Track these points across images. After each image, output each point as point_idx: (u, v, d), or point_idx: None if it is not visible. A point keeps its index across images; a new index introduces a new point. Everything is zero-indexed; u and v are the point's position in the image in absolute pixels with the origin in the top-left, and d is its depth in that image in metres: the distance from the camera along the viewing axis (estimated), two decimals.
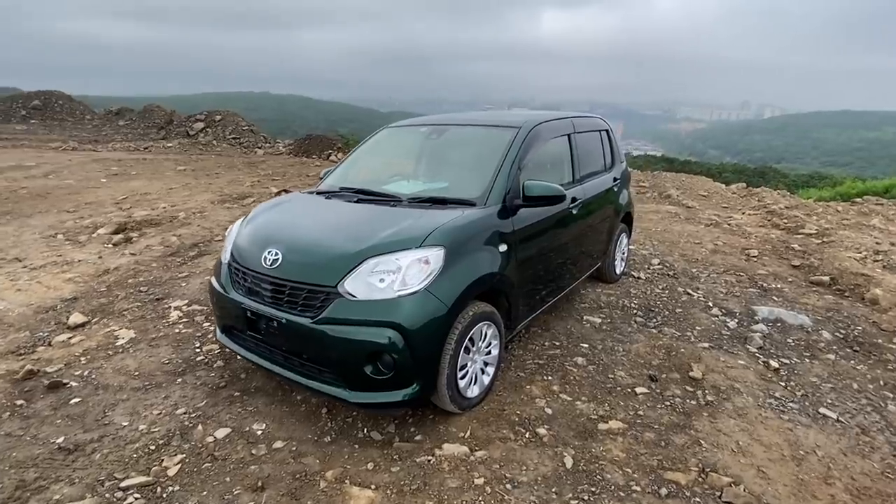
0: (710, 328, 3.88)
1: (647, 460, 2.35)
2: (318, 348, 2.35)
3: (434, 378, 2.39)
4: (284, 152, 16.36)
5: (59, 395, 2.85)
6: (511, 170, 2.96)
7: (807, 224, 7.64)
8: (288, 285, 2.45)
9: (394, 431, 2.57)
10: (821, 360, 3.46)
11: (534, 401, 2.82)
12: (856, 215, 9.18)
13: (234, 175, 10.94)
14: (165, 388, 2.97)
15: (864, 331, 3.91)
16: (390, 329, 2.24)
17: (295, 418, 2.69)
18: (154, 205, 7.72)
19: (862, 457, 2.45)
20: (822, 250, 6.24)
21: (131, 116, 21.23)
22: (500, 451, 2.36)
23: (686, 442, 2.49)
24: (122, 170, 10.76)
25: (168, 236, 6.05)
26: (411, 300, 2.29)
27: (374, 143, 3.84)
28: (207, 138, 17.07)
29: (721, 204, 10.08)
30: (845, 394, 3.04)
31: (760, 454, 2.42)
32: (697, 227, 7.63)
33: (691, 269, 5.39)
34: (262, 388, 2.99)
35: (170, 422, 2.62)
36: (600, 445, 2.44)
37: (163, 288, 4.51)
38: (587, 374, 3.14)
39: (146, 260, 5.24)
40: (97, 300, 4.24)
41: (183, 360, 3.31)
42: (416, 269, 2.34)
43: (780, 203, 9.99)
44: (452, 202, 2.85)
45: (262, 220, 2.97)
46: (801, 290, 4.87)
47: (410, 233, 2.46)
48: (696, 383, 3.06)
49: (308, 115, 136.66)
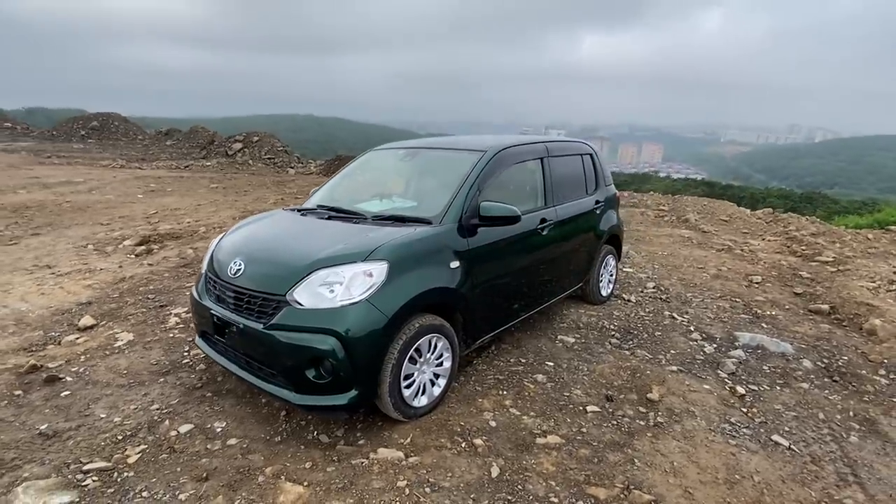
0: (684, 352, 3.86)
1: (574, 475, 2.40)
2: (268, 352, 2.55)
3: (374, 385, 2.54)
4: (315, 172, 17.05)
5: (53, 388, 3.15)
6: (470, 191, 3.11)
7: (825, 251, 7.38)
8: (247, 293, 2.67)
9: (341, 435, 2.72)
10: (792, 388, 3.39)
11: (482, 413, 2.91)
12: (887, 243, 8.75)
13: (261, 193, 11.51)
14: (147, 386, 3.23)
15: (849, 361, 3.79)
16: (331, 336, 2.41)
17: (255, 419, 2.88)
18: (180, 219, 8.26)
19: (802, 485, 2.41)
20: (832, 278, 6.03)
21: (178, 137, 22.65)
22: (432, 458, 2.47)
23: (619, 460, 2.52)
24: (159, 187, 11.52)
25: (185, 249, 6.48)
26: (352, 310, 2.46)
27: (359, 164, 4.09)
28: (244, 158, 17.99)
29: (741, 229, 9.83)
30: (807, 423, 2.98)
31: (693, 475, 2.43)
32: (707, 251, 7.50)
33: (686, 293, 5.33)
34: (233, 390, 3.20)
35: (142, 416, 2.87)
36: (532, 458, 2.51)
37: (168, 296, 4.86)
38: (543, 391, 3.20)
39: (160, 270, 5.64)
40: (108, 305, 4.61)
41: (170, 362, 3.58)
42: (360, 280, 2.52)
43: (806, 230, 9.65)
44: (411, 220, 3.02)
45: (238, 233, 3.24)
46: (796, 317, 4.74)
47: (358, 247, 2.65)
48: (652, 405, 3.07)
49: (347, 136, 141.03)
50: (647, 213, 11.08)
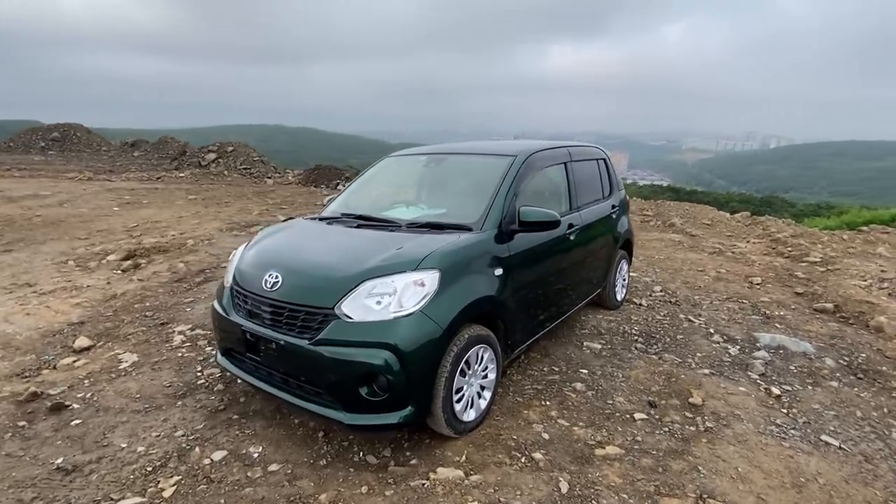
0: (711, 355, 3.86)
1: (643, 486, 2.32)
2: (315, 370, 2.39)
3: (429, 400, 2.41)
4: (294, 182, 16.68)
5: (61, 416, 2.88)
6: (507, 196, 3.03)
7: (811, 252, 7.61)
8: (286, 307, 2.50)
9: (389, 455, 2.57)
10: (823, 387, 3.42)
11: (531, 425, 2.81)
12: (861, 244, 9.13)
13: (244, 204, 11.16)
14: (165, 410, 2.99)
15: (868, 358, 3.87)
16: (385, 350, 2.28)
17: (292, 441, 2.70)
18: (164, 232, 7.88)
19: (864, 485, 2.41)
20: (826, 278, 6.21)
21: (146, 148, 21.84)
22: (495, 476, 2.35)
23: (683, 468, 2.46)
24: (135, 199, 11.02)
25: (175, 263, 6.16)
26: (406, 322, 2.33)
27: (377, 172, 3.96)
28: (219, 168, 17.46)
29: (725, 232, 10.08)
30: (848, 421, 3.00)
31: (760, 481, 2.39)
32: (701, 255, 7.63)
33: (694, 296, 5.38)
34: (260, 411, 3.00)
35: (168, 444, 2.64)
36: (597, 471, 2.42)
37: (167, 313, 4.58)
38: (586, 399, 3.13)
39: (153, 286, 5.33)
40: (103, 324, 4.31)
41: (184, 383, 3.34)
42: (412, 291, 2.39)
43: (785, 231, 9.97)
44: (449, 227, 2.92)
45: (265, 244, 3.06)
46: (804, 317, 4.84)
47: (407, 256, 2.52)
48: (696, 409, 3.04)
49: (318, 147, 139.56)
50: (634, 219, 11.24)
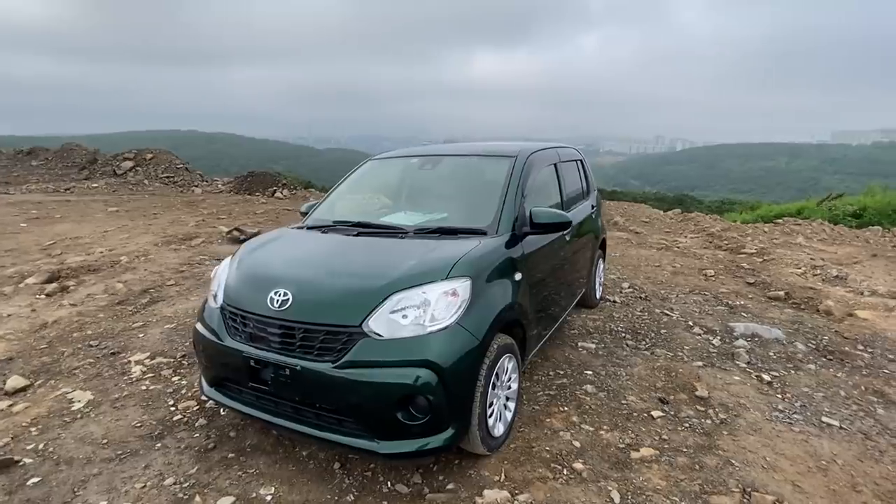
0: (697, 347, 3.99)
1: (688, 486, 2.30)
2: (341, 395, 2.13)
3: (468, 419, 2.24)
4: (225, 190, 15.64)
5: (11, 476, 2.39)
6: (516, 198, 2.93)
7: (746, 244, 8.23)
8: (301, 328, 2.23)
9: (421, 482, 2.36)
10: (804, 370, 3.63)
11: (557, 434, 2.72)
12: (781, 235, 10.03)
13: (175, 215, 10.26)
14: (144, 455, 2.58)
15: (830, 340, 4.17)
16: (424, 368, 2.08)
17: (305, 477, 2.41)
18: (89, 249, 7.01)
19: (875, 461, 2.55)
20: (767, 268, 6.72)
21: (46, 157, 19.50)
22: (542, 492, 2.22)
23: (718, 463, 2.48)
24: (44, 213, 9.78)
25: (112, 283, 5.47)
26: (443, 336, 2.15)
27: (360, 176, 3.71)
28: (138, 178, 16.00)
29: (664, 229, 10.68)
30: (836, 401, 3.19)
31: (789, 468, 2.45)
32: (650, 251, 7.99)
33: (660, 291, 5.59)
34: (258, 446, 2.67)
35: (159, 496, 2.26)
36: (639, 475, 2.37)
37: (116, 341, 4.02)
38: (600, 401, 3.09)
39: (90, 310, 4.69)
40: (38, 359, 3.70)
41: (157, 421, 2.91)
42: (445, 302, 2.21)
43: (716, 226, 10.74)
44: (462, 231, 2.76)
45: (258, 258, 2.73)
46: (762, 305, 5.17)
47: (433, 265, 2.34)
48: (705, 402, 3.10)
49: (238, 153, 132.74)
50: None
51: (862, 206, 12.63)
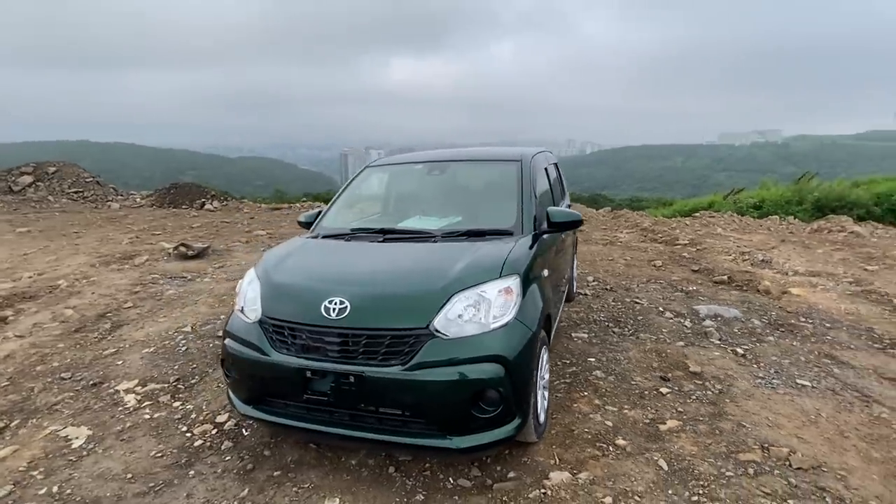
0: (674, 329, 4.39)
1: (717, 448, 2.58)
2: (413, 397, 2.17)
3: (529, 409, 2.36)
4: (145, 204, 14.47)
5: None
6: (532, 199, 3.11)
7: (679, 237, 9.07)
8: (363, 334, 2.23)
9: (480, 475, 2.44)
10: (766, 342, 4.14)
11: (588, 417, 2.91)
12: (701, 227, 11.13)
13: (101, 233, 9.38)
14: (180, 484, 2.43)
15: (777, 315, 4.78)
16: (494, 363, 2.18)
17: (365, 485, 2.40)
18: (13, 275, 6.25)
19: (849, 412, 3.00)
20: (704, 256, 7.47)
21: None
22: (601, 470, 2.40)
23: (732, 426, 2.79)
24: None
25: (59, 310, 4.95)
26: (506, 331, 2.26)
27: (363, 184, 3.71)
28: (40, 194, 14.33)
29: (601, 226, 11.43)
30: (801, 366, 3.68)
31: (788, 424, 2.82)
32: (598, 246, 8.56)
33: (621, 282, 6.04)
34: (301, 460, 2.61)
35: None
36: (674, 445, 2.62)
37: (93, 371, 3.68)
38: (612, 384, 3.34)
39: (46, 341, 4.23)
40: (4, 398, 3.30)
41: (177, 448, 2.74)
42: (502, 299, 2.33)
43: (645, 222, 11.69)
44: (490, 233, 2.89)
45: (295, 269, 2.66)
46: (712, 289, 5.77)
47: (484, 265, 2.44)
48: (700, 377, 3.45)
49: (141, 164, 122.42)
50: None
51: (761, 199, 14.33)
